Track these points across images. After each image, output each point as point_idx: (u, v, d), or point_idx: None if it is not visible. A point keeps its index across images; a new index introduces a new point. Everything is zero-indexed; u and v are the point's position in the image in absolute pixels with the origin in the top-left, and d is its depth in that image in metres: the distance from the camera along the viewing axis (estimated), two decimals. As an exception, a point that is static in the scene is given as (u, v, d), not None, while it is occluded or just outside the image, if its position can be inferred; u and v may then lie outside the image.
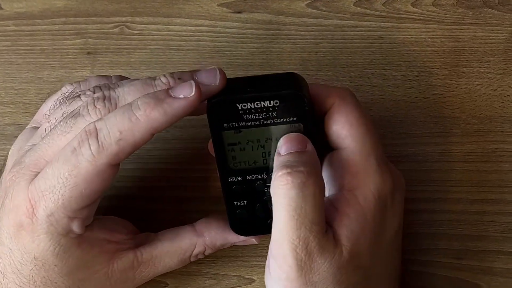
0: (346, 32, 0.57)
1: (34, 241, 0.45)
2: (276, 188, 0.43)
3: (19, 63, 0.59)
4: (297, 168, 0.42)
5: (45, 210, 0.44)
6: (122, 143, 0.43)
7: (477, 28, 0.57)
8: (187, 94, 0.44)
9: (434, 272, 0.53)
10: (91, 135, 0.43)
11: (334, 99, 0.46)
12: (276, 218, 0.43)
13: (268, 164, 0.47)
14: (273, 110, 0.44)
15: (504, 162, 0.55)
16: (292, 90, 0.44)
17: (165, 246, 0.49)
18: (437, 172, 0.55)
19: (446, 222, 0.54)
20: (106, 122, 0.44)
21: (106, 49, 0.58)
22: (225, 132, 0.45)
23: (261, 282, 0.53)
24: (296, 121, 0.45)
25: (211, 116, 0.45)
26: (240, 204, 0.48)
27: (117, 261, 0.48)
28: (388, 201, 0.46)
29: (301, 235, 0.42)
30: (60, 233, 0.45)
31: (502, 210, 0.54)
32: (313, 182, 0.42)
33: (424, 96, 0.56)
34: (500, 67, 0.56)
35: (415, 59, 0.57)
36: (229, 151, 0.46)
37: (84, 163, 0.43)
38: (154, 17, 0.59)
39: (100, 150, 0.43)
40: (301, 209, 0.42)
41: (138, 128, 0.43)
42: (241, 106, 0.44)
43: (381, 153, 0.47)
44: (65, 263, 0.45)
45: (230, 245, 0.51)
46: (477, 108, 0.56)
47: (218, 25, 0.58)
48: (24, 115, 0.57)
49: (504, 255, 0.53)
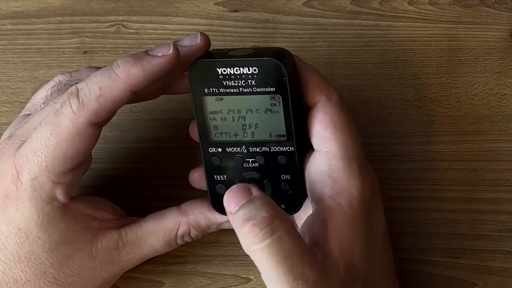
0: (342, 31, 0.57)
1: (18, 209, 0.45)
2: (248, 245, 0.40)
3: (15, 62, 0.59)
4: (258, 216, 0.40)
5: (29, 174, 0.45)
6: (102, 100, 0.44)
7: (474, 27, 0.57)
8: (165, 53, 0.45)
9: (431, 271, 0.53)
10: (72, 95, 0.44)
11: (321, 97, 0.46)
12: (265, 272, 0.41)
13: (248, 138, 0.47)
14: (252, 78, 0.45)
15: (501, 161, 0.55)
16: (271, 58, 0.44)
17: (149, 225, 0.49)
18: (434, 171, 0.55)
19: (443, 221, 0.54)
20: (87, 81, 0.45)
21: (103, 48, 0.58)
22: (206, 97, 0.46)
23: (257, 281, 0.53)
24: (274, 91, 0.45)
25: (192, 78, 0.46)
26: (220, 178, 0.48)
27: (101, 239, 0.48)
28: (372, 203, 0.46)
29: (296, 274, 0.41)
30: (44, 200, 0.45)
31: (499, 209, 0.54)
32: (280, 220, 0.41)
33: (421, 95, 0.56)
34: (497, 66, 0.56)
35: (412, 58, 0.57)
36: (211, 119, 0.47)
37: (65, 121, 0.44)
38: (150, 16, 0.59)
39: (80, 107, 0.44)
40: (283, 251, 0.40)
41: (118, 84, 0.44)
42: (221, 71, 0.45)
43: (362, 155, 0.47)
44: (48, 236, 0.46)
45: (217, 227, 0.51)
46: (474, 107, 0.56)
47: (214, 24, 0.58)
48: (20, 114, 0.57)
49: (501, 254, 0.53)
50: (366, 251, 0.45)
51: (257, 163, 0.48)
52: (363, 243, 0.44)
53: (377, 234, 0.47)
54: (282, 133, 0.47)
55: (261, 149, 0.47)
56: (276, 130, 0.47)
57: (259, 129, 0.47)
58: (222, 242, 0.54)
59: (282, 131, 0.47)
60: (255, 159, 0.48)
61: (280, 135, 0.47)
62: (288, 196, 0.48)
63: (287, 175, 0.48)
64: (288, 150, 0.47)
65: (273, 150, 0.47)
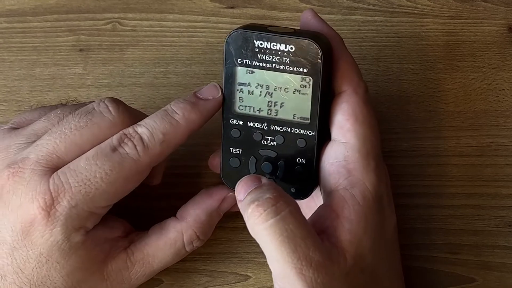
0: (339, 27, 0.57)
1: (44, 235, 0.45)
2: (253, 226, 0.42)
3: (11, 60, 0.58)
4: (262, 198, 0.42)
5: (69, 201, 0.44)
6: (165, 145, 0.46)
7: (471, 22, 0.56)
8: (215, 95, 0.47)
9: (430, 266, 0.53)
10: (133, 137, 0.46)
11: (349, 87, 0.46)
12: (269, 253, 0.42)
13: (271, 116, 0.47)
14: (288, 55, 0.45)
15: (499, 156, 0.55)
16: (310, 40, 0.45)
17: (153, 241, 0.49)
18: (432, 166, 0.55)
19: (442, 217, 0.54)
20: (146, 126, 0.46)
21: (99, 46, 0.58)
22: (238, 68, 0.47)
23: (256, 278, 0.53)
24: (306, 73, 0.45)
25: (227, 46, 0.46)
26: (235, 151, 0.49)
27: (111, 261, 0.48)
28: (385, 199, 0.46)
29: (300, 255, 0.41)
30: (74, 227, 0.45)
31: (497, 204, 0.54)
32: (284, 202, 0.42)
33: (419, 90, 0.56)
34: (495, 61, 0.56)
35: (409, 54, 0.56)
36: (238, 91, 0.47)
37: (129, 161, 0.45)
38: (146, 13, 0.58)
39: (145, 151, 0.46)
40: (287, 230, 0.41)
41: (180, 131, 0.46)
42: (258, 44, 0.46)
43: (379, 151, 0.47)
44: (67, 261, 0.45)
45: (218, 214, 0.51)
46: (472, 102, 0.56)
47: (211, 20, 0.58)
48: (16, 113, 0.57)
49: (499, 249, 0.53)
50: (376, 244, 0.45)
51: (275, 142, 0.48)
52: (373, 236, 0.45)
53: (388, 229, 0.47)
54: (306, 116, 0.47)
55: (282, 129, 0.47)
56: (301, 112, 0.47)
57: (284, 108, 0.47)
58: (221, 240, 0.54)
59: (306, 114, 0.47)
60: (274, 137, 0.48)
61: (304, 117, 0.47)
62: (300, 180, 0.48)
63: (303, 160, 0.48)
64: (309, 134, 0.47)
65: (294, 131, 0.47)
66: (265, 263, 0.51)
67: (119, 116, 0.47)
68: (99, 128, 0.46)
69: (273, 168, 0.48)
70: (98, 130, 0.46)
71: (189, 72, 0.57)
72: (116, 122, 0.46)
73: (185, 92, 0.57)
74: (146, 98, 0.57)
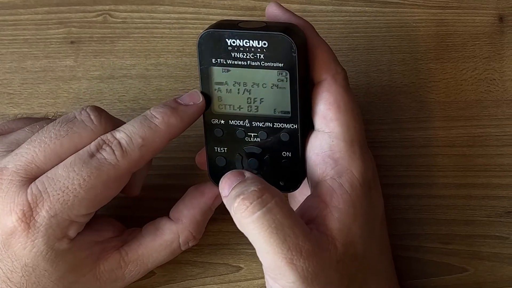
0: (330, 18, 0.57)
1: (26, 247, 0.44)
2: (240, 220, 0.42)
3: (2, 53, 0.58)
4: (248, 191, 0.42)
5: (48, 211, 0.44)
6: (144, 150, 0.45)
7: (462, 12, 0.56)
8: (196, 101, 0.47)
9: (421, 257, 0.53)
10: (111, 142, 0.45)
11: (327, 75, 0.46)
12: (258, 245, 0.42)
13: (252, 112, 0.47)
14: (261, 51, 0.45)
15: (490, 146, 0.55)
16: (283, 34, 0.44)
17: (148, 242, 0.49)
18: (423, 157, 0.55)
19: (433, 207, 0.54)
20: (124, 131, 0.45)
21: (90, 38, 0.58)
22: (213, 68, 0.46)
23: (248, 269, 0.53)
24: (282, 67, 0.45)
25: (200, 47, 0.46)
26: (220, 150, 0.48)
27: (103, 262, 0.47)
28: (372, 184, 0.46)
29: (289, 245, 0.41)
30: (56, 237, 0.44)
31: (488, 194, 0.54)
32: (269, 193, 0.42)
33: (410, 81, 0.56)
34: (486, 51, 0.56)
35: (400, 44, 0.56)
36: (216, 90, 0.47)
37: (107, 166, 0.45)
38: (137, 5, 0.58)
39: (123, 155, 0.45)
40: (275, 221, 0.41)
41: (159, 135, 0.46)
42: (230, 42, 0.45)
43: (363, 137, 0.47)
44: (55, 268, 0.45)
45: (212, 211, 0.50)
46: (462, 92, 0.56)
47: (201, 12, 0.58)
48: (8, 105, 0.57)
49: (491, 239, 0.53)
50: (366, 231, 0.45)
51: (259, 138, 0.48)
52: (362, 223, 0.45)
53: (377, 214, 0.47)
54: (287, 110, 0.47)
55: (264, 124, 0.47)
56: (281, 106, 0.47)
57: (264, 104, 0.47)
58: (212, 231, 0.54)
59: (287, 107, 0.46)
60: (257, 133, 0.48)
61: (285, 111, 0.47)
62: (287, 173, 0.48)
63: (288, 153, 0.48)
64: (292, 128, 0.47)
65: (276, 126, 0.47)
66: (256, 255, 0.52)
67: (101, 125, 0.46)
68: (80, 137, 0.45)
69: (260, 163, 0.48)
70: (79, 139, 0.45)
71: (180, 63, 0.57)
72: (97, 132, 0.46)
73: (176, 83, 0.57)
74: (137, 90, 0.57)
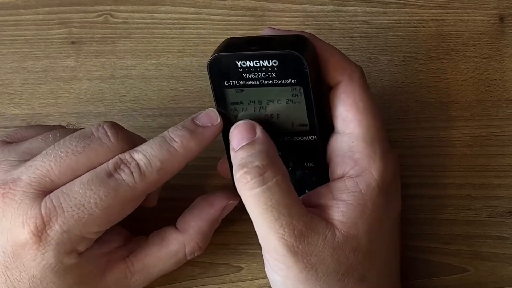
0: (331, 18, 0.57)
1: (35, 259, 0.44)
2: (240, 190, 0.44)
3: (3, 53, 0.58)
4: (251, 164, 0.43)
5: (61, 226, 0.43)
6: (161, 172, 0.45)
7: (463, 12, 0.56)
8: (214, 122, 0.47)
9: (422, 257, 0.53)
10: (130, 163, 0.45)
11: (343, 77, 0.46)
12: (254, 217, 0.44)
13: (270, 128, 0.46)
14: (272, 70, 0.45)
15: (491, 146, 0.55)
16: (291, 50, 0.44)
17: (154, 252, 0.49)
18: (424, 157, 0.55)
19: (434, 207, 0.54)
20: (143, 153, 0.45)
21: (91, 38, 0.58)
22: (227, 89, 0.46)
23: (249, 269, 0.53)
24: (295, 83, 0.45)
25: (211, 71, 0.45)
26: None
27: (109, 273, 0.47)
28: (392, 187, 0.47)
29: (283, 223, 0.43)
30: (66, 251, 0.44)
31: (489, 194, 0.54)
32: (271, 171, 0.43)
33: (410, 81, 0.56)
34: (486, 51, 0.56)
35: (401, 44, 0.56)
36: (232, 110, 0.47)
37: (124, 187, 0.44)
38: (138, 5, 0.58)
39: (141, 178, 0.45)
40: (271, 200, 0.43)
41: (178, 159, 0.46)
42: (240, 64, 0.45)
43: (384, 138, 0.47)
44: (63, 280, 0.45)
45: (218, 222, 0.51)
46: (463, 92, 0.56)
47: (202, 12, 0.58)
48: (9, 106, 0.57)
49: (491, 239, 0.53)
50: (375, 229, 0.45)
51: (280, 151, 0.47)
52: (372, 220, 0.45)
53: (390, 214, 0.47)
54: (305, 123, 0.46)
55: (284, 139, 0.47)
56: (298, 120, 0.46)
57: (281, 119, 0.47)
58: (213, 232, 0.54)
59: (304, 121, 0.46)
60: (277, 147, 0.47)
61: (303, 124, 0.47)
62: (313, 182, 0.48)
63: (310, 163, 0.48)
64: (311, 139, 0.47)
65: (296, 139, 0.47)
66: (257, 255, 0.52)
67: (118, 143, 0.46)
68: (97, 154, 0.45)
69: None
70: (95, 156, 0.45)
71: (181, 63, 0.57)
72: (114, 150, 0.45)
73: (177, 83, 0.57)
74: (138, 90, 0.57)
